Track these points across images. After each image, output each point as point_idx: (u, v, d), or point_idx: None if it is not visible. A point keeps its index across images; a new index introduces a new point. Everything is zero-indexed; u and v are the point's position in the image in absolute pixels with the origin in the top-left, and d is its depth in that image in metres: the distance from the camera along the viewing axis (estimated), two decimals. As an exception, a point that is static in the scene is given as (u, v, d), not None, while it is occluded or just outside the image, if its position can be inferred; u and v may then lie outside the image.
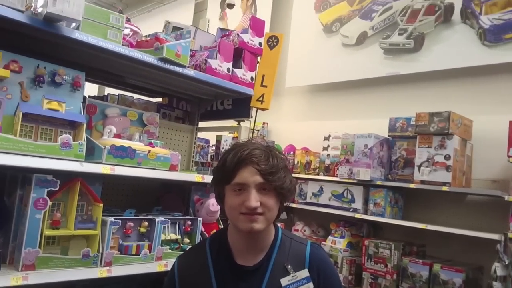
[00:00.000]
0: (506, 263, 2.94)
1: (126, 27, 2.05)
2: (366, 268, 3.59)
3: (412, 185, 3.47)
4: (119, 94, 2.58)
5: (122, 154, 1.85)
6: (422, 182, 3.42)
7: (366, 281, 3.56)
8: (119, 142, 1.89)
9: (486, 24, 3.73)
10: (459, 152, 3.40)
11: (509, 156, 3.17)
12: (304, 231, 4.35)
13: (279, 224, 3.03)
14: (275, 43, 2.73)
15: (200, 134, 2.93)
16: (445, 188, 3.28)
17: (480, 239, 3.21)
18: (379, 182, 3.71)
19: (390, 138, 3.90)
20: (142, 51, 1.94)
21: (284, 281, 1.28)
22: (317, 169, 4.37)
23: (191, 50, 2.25)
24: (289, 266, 1.31)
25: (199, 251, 1.41)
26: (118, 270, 1.86)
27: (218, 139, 2.79)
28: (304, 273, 1.31)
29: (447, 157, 3.32)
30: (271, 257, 1.33)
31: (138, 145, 1.96)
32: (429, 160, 3.41)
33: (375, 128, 3.91)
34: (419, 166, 3.46)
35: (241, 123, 2.76)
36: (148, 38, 2.08)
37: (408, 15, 4.31)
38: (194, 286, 1.33)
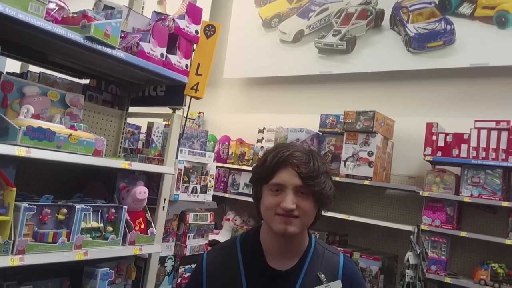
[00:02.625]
0: (418, 252, 3.19)
1: (51, 1, 1.93)
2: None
3: (338, 178, 3.66)
4: (40, 72, 2.40)
5: (40, 136, 1.73)
6: (347, 175, 3.61)
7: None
8: (36, 123, 1.77)
9: (411, 32, 4.01)
10: (381, 149, 3.64)
11: (425, 155, 3.46)
12: (235, 220, 4.41)
13: (209, 214, 3.02)
14: (212, 32, 2.71)
15: (131, 120, 2.83)
16: (367, 182, 3.50)
17: (396, 230, 3.47)
18: (308, 175, 3.84)
19: (320, 133, 4.06)
20: (67, 28, 1.82)
21: None
22: (251, 161, 4.43)
23: (122, 31, 2.16)
24: (322, 276, 1.27)
25: (230, 249, 1.35)
26: (32, 259, 1.76)
27: (150, 126, 2.70)
28: (338, 284, 1.27)
29: (370, 154, 3.53)
30: (304, 263, 1.29)
31: (58, 128, 1.85)
32: (354, 156, 3.61)
33: (307, 123, 4.05)
34: (345, 161, 3.65)
35: (176, 111, 2.71)
36: (75, 15, 1.96)
37: (342, 17, 4.50)
38: (223, 284, 1.28)
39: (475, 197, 3.17)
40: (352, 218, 3.59)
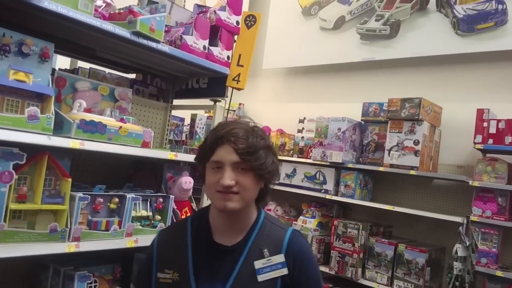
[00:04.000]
0: (467, 244, 3.08)
1: (98, -1, 1.99)
2: (335, 247, 3.69)
3: (381, 168, 3.57)
4: (90, 68, 2.51)
5: (92, 129, 1.82)
6: (391, 165, 3.52)
7: (334, 259, 3.68)
8: (89, 116, 1.85)
9: (460, 14, 3.81)
10: (427, 137, 3.51)
11: (475, 143, 3.30)
12: (277, 210, 4.43)
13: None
14: (252, 23, 2.70)
15: (175, 112, 2.90)
16: (412, 172, 3.39)
17: (443, 221, 3.35)
18: (350, 165, 3.79)
19: (362, 122, 3.97)
20: (114, 24, 1.88)
21: (258, 263, 1.28)
22: (291, 151, 4.42)
23: (166, 25, 2.20)
24: (266, 250, 1.30)
25: (180, 227, 1.41)
26: (87, 246, 1.85)
27: (193, 118, 2.76)
28: (280, 258, 1.30)
29: (416, 142, 3.42)
30: (249, 239, 1.32)
31: (109, 121, 1.93)
32: (399, 145, 3.50)
33: (349, 112, 3.97)
34: (389, 150, 3.55)
35: (217, 103, 2.75)
36: (122, 11, 2.02)
37: (385, 1, 4.34)
38: (171, 260, 1.33)
39: (530, 187, 3.00)
40: (397, 209, 3.50)
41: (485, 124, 3.27)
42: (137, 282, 1.46)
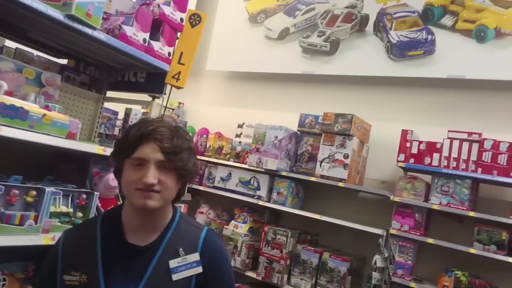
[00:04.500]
0: (386, 255, 3.26)
1: (32, -25, 1.84)
2: (263, 253, 3.74)
3: (313, 178, 3.69)
4: (16, 48, 2.31)
5: (12, 114, 1.67)
6: (322, 176, 3.65)
7: (262, 265, 3.72)
8: (9, 100, 1.69)
9: (394, 39, 4.07)
10: (356, 152, 3.69)
11: (398, 161, 3.53)
12: (209, 214, 4.38)
13: (182, 206, 2.99)
14: (197, 22, 2.67)
15: (108, 105, 2.77)
16: (341, 184, 3.54)
17: (366, 232, 3.52)
18: (284, 173, 3.87)
19: (298, 132, 4.08)
20: (47, 4, 1.75)
21: (173, 263, 1.27)
22: (228, 155, 4.41)
23: (105, 12, 2.10)
24: (181, 249, 1.29)
25: (89, 227, 1.34)
26: (-3, 240, 1.69)
27: (127, 112, 2.64)
28: (195, 257, 1.30)
29: (346, 156, 3.58)
30: (164, 238, 1.30)
31: (32, 106, 1.78)
32: (330, 157, 3.64)
33: (286, 121, 4.06)
34: (321, 162, 3.69)
35: (155, 100, 2.67)
36: (57, -8, 1.89)
37: (328, 19, 4.53)
38: (78, 261, 1.26)
39: (443, 205, 3.26)
40: (324, 218, 3.63)
41: (408, 144, 3.51)
42: (37, 284, 1.36)
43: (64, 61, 2.68)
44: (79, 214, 2.07)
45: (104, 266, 1.24)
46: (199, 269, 1.29)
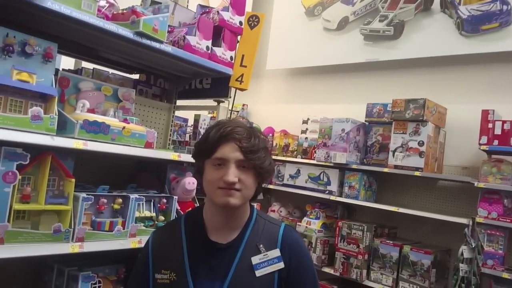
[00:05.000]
0: (473, 246, 3.06)
1: (101, -1, 1.99)
2: (339, 248, 3.68)
3: (386, 169, 3.55)
4: (94, 68, 2.51)
5: (96, 129, 1.81)
6: (396, 166, 3.50)
7: (339, 261, 3.66)
8: (92, 117, 1.85)
9: (464, 14, 3.78)
10: (432, 138, 3.48)
11: (480, 144, 3.27)
12: (281, 212, 4.41)
13: (255, 205, 3.06)
14: (255, 23, 2.70)
15: (178, 113, 2.89)
16: (417, 173, 3.37)
17: (449, 222, 3.32)
18: (354, 166, 3.77)
19: (366, 123, 3.95)
20: (117, 24, 1.88)
21: (255, 259, 1.30)
22: (295, 152, 4.40)
23: (169, 25, 2.20)
24: (261, 246, 1.32)
25: (174, 227, 1.42)
26: (91, 246, 1.85)
27: (196, 119, 2.75)
28: (276, 252, 1.33)
29: (421, 143, 3.39)
30: (244, 235, 1.34)
31: (112, 121, 1.93)
32: (403, 146, 3.48)
33: (353, 113, 3.95)
34: (394, 151, 3.53)
35: (221, 104, 2.74)
36: (125, 11, 2.02)
37: (389, 2, 4.33)
38: (167, 260, 1.34)
39: (537, 188, 2.97)
40: (401, 210, 3.48)
41: (490, 125, 3.24)
42: (131, 283, 1.45)
43: (136, 76, 2.86)
44: (161, 218, 2.19)
45: (191, 264, 1.30)
46: (281, 265, 1.32)
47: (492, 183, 3.16)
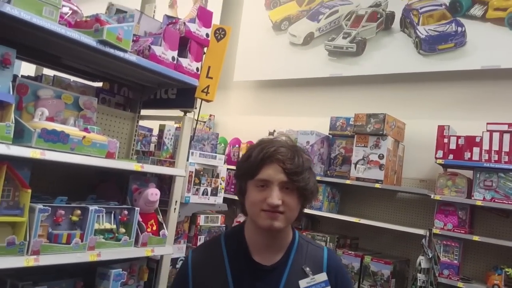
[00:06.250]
0: (430, 256, 3.16)
1: (64, 5, 1.96)
2: (302, 261, 3.70)
3: (348, 181, 3.64)
4: (54, 75, 2.44)
5: (54, 138, 1.76)
6: (358, 178, 3.60)
7: (302, 273, 3.68)
8: (51, 125, 1.79)
9: (422, 34, 3.98)
10: (391, 152, 3.61)
11: (436, 158, 3.43)
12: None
13: (220, 216, 3.03)
14: (222, 36, 2.72)
15: (143, 123, 2.86)
16: (377, 185, 3.48)
17: (407, 233, 3.44)
18: (318, 178, 3.84)
19: (330, 136, 4.05)
20: (80, 32, 1.85)
21: (302, 283, 1.27)
22: (260, 164, 4.42)
23: (134, 35, 2.19)
24: (308, 269, 1.29)
25: (214, 246, 1.36)
26: (47, 259, 1.78)
27: (161, 129, 2.72)
28: (323, 276, 1.30)
29: (381, 157, 3.51)
30: (289, 258, 1.31)
31: (72, 130, 1.88)
32: (365, 159, 3.59)
33: (317, 126, 4.04)
34: (355, 164, 3.63)
35: (187, 114, 2.73)
36: (88, 19, 1.99)
37: (352, 20, 4.49)
38: (209, 282, 1.29)
39: (487, 200, 3.14)
40: (363, 221, 3.57)
41: (445, 140, 3.41)
42: None
43: (99, 84, 2.80)
44: (122, 230, 2.15)
45: (235, 286, 1.26)
46: None
47: (448, 196, 3.31)
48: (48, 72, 2.64)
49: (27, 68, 2.93)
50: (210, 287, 1.28)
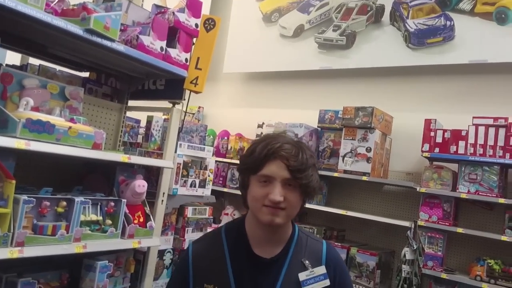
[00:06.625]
0: (414, 248, 3.22)
1: (50, -7, 1.91)
2: (290, 252, 3.73)
3: (336, 174, 3.67)
4: (40, 64, 2.40)
5: (39, 128, 1.73)
6: (345, 171, 3.63)
7: (289, 264, 3.71)
8: (36, 115, 1.76)
9: (411, 28, 4.00)
10: (379, 145, 3.65)
11: (422, 151, 3.47)
12: (234, 215, 4.42)
13: (207, 208, 3.03)
14: (212, 26, 2.70)
15: (130, 114, 2.83)
16: (365, 178, 3.51)
17: (393, 225, 3.49)
18: (306, 170, 3.85)
19: (319, 128, 4.07)
20: (66, 20, 1.81)
21: (301, 275, 1.28)
22: (249, 156, 4.43)
23: (122, 24, 2.15)
24: (307, 262, 1.31)
25: (215, 238, 1.36)
26: (32, 251, 1.76)
27: (149, 120, 2.70)
28: (322, 269, 1.31)
29: (368, 150, 3.54)
30: (289, 251, 1.32)
31: (57, 120, 1.85)
32: (352, 151, 3.62)
33: (306, 119, 4.05)
34: (343, 157, 3.66)
35: (175, 105, 2.71)
36: (75, 7, 1.95)
37: (342, 12, 4.49)
38: (209, 273, 1.29)
39: (472, 193, 3.19)
40: (349, 213, 3.61)
41: (432, 134, 3.45)
42: None
43: (86, 74, 2.76)
44: (109, 222, 2.13)
45: (236, 278, 1.27)
46: (327, 282, 1.31)
47: (433, 188, 3.36)
48: (34, 61, 2.59)
49: (12, 57, 2.86)
50: (210, 279, 1.28)
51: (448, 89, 3.83)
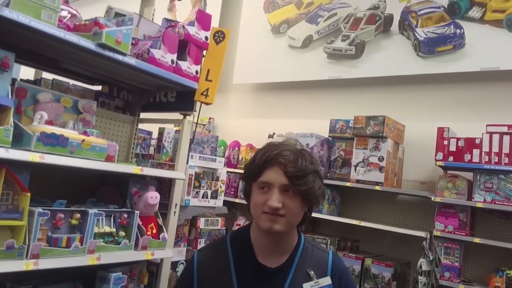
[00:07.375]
0: (431, 258, 3.15)
1: (63, 9, 1.95)
2: (303, 263, 3.69)
3: (348, 184, 3.64)
4: (53, 79, 2.44)
5: (53, 142, 1.76)
6: (358, 181, 3.59)
7: (302, 276, 3.67)
8: (50, 129, 1.79)
9: (421, 37, 3.99)
10: (391, 154, 3.61)
11: (436, 160, 3.42)
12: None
13: (220, 219, 3.02)
14: (221, 38, 2.73)
15: (142, 126, 2.86)
16: (378, 188, 3.47)
17: (408, 236, 3.43)
18: (318, 181, 3.83)
19: (330, 138, 4.05)
20: (79, 35, 1.85)
21: (306, 286, 1.27)
22: (260, 167, 4.42)
23: (133, 38, 2.19)
24: (312, 272, 1.30)
25: (220, 247, 1.37)
26: (46, 263, 1.77)
27: (161, 132, 2.72)
28: (327, 280, 1.30)
29: (381, 159, 3.51)
30: (294, 260, 1.31)
31: (71, 133, 1.88)
32: (365, 161, 3.58)
33: (317, 128, 4.04)
34: (355, 166, 3.63)
35: (186, 117, 2.73)
36: (87, 22, 1.99)
37: (351, 22, 4.50)
38: (214, 282, 1.30)
39: (488, 202, 3.13)
40: (363, 223, 3.56)
41: (445, 142, 3.41)
42: None
43: (98, 88, 2.80)
44: (122, 233, 2.14)
45: (240, 287, 1.27)
46: None
47: (448, 198, 3.30)
48: (47, 75, 2.64)
49: (26, 72, 2.92)
50: None
51: (460, 97, 3.79)
